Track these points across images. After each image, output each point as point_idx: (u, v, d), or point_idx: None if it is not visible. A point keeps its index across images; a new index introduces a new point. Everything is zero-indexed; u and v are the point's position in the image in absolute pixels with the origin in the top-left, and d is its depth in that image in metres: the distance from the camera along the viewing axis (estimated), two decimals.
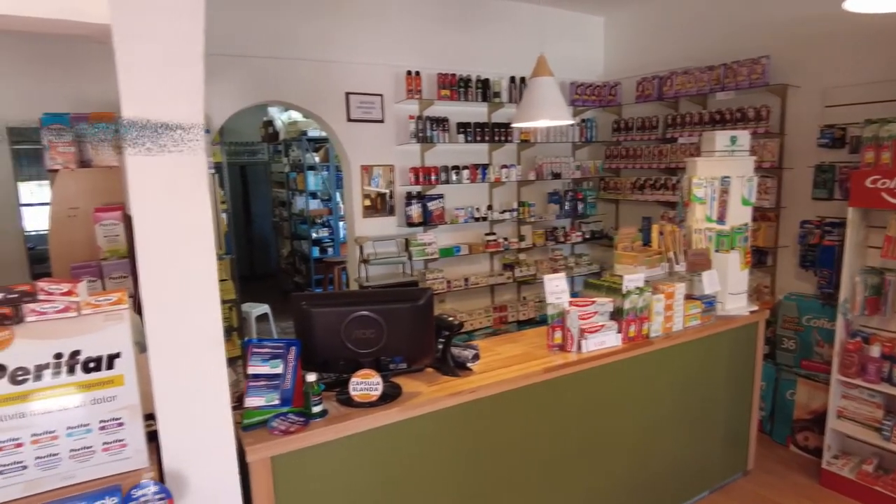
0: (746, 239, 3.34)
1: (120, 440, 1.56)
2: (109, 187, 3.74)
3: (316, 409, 1.92)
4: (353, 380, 2.02)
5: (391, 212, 4.83)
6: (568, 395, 2.55)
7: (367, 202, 4.73)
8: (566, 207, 5.69)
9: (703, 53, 4.76)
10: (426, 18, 4.83)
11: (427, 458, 2.18)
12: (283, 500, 1.85)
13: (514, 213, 5.30)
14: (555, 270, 5.43)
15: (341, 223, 7.88)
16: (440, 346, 2.34)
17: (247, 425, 1.86)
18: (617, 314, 2.75)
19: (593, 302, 2.69)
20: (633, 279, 2.75)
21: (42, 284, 1.49)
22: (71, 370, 1.49)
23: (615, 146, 5.64)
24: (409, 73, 4.61)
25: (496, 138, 5.09)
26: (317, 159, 8.01)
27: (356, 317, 2.03)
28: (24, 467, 1.47)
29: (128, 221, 3.68)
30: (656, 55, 5.28)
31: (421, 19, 4.81)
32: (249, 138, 9.40)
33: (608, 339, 2.67)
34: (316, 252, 8.01)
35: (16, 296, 1.46)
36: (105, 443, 1.54)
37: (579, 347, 2.62)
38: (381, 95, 4.65)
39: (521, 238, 5.35)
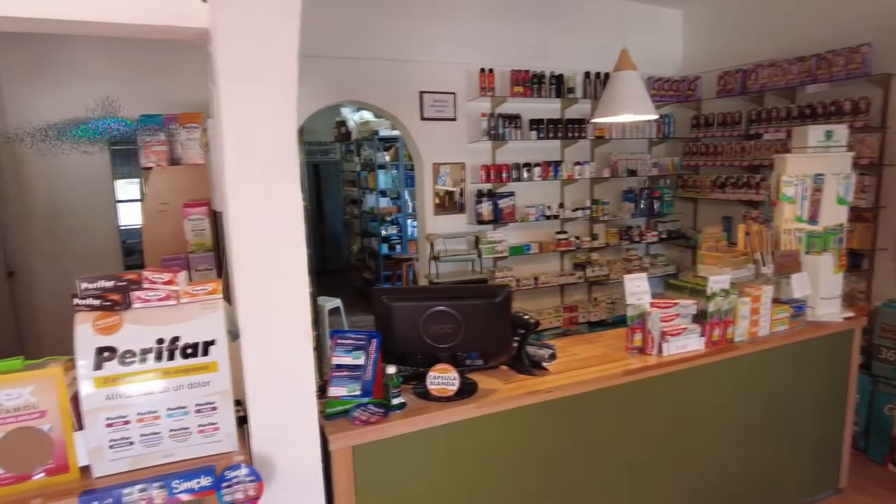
0: (841, 240, 3.13)
1: (213, 423, 1.64)
2: (196, 184, 3.95)
3: (395, 401, 1.95)
4: (431, 374, 2.04)
5: (461, 209, 4.84)
6: (647, 400, 2.47)
7: (437, 200, 4.77)
8: (642, 206, 5.52)
9: (791, 44, 4.49)
10: (500, 16, 4.82)
11: (501, 456, 2.17)
12: (363, 489, 1.89)
13: (587, 212, 5.20)
14: (629, 271, 5.28)
15: (409, 221, 7.99)
16: (516, 345, 2.31)
17: (329, 414, 1.91)
18: (700, 317, 2.64)
19: (675, 303, 2.60)
20: (718, 280, 2.63)
21: (147, 273, 1.59)
22: (171, 355, 1.57)
23: (694, 143, 5.42)
24: (482, 70, 4.61)
25: (569, 135, 5.01)
26: (387, 158, 8.14)
27: (434, 312, 2.04)
28: (131, 443, 1.57)
29: (213, 216, 3.88)
30: (740, 47, 5.03)
31: (495, 17, 4.80)
32: (322, 138, 9.70)
33: (690, 343, 2.57)
34: (384, 249, 8.15)
35: (125, 283, 1.56)
36: (200, 425, 1.62)
37: (660, 350, 2.53)
38: (453, 94, 4.67)
39: (594, 237, 5.25)
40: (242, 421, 1.73)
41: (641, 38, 5.35)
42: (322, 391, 1.95)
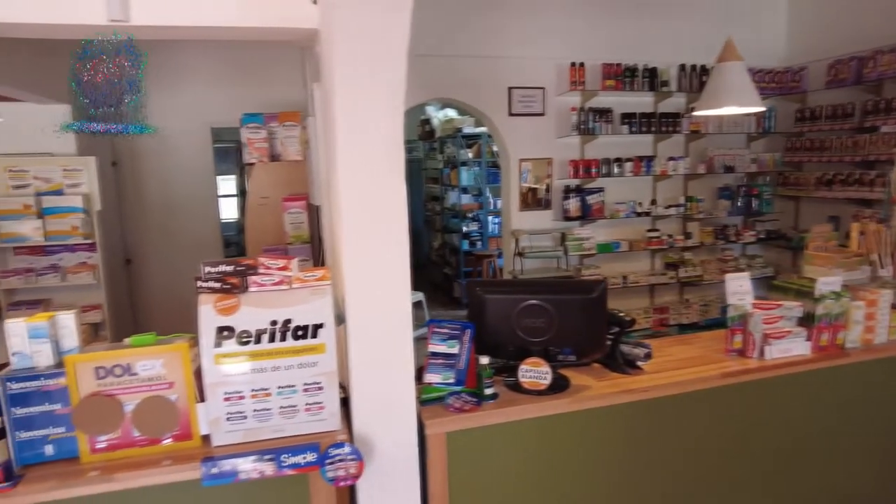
0: None
1: (319, 403, 1.73)
2: (295, 179, 4.16)
3: (488, 392, 1.98)
4: (523, 367, 2.05)
5: (547, 206, 4.81)
6: (747, 404, 2.36)
7: (531, 195, 4.75)
8: (739, 204, 5.25)
9: None
10: (592, 9, 4.73)
11: (591, 452, 2.15)
12: (455, 474, 1.93)
13: (681, 209, 5.00)
14: (724, 271, 5.04)
15: (490, 218, 8.00)
16: (609, 342, 2.28)
17: (424, 400, 1.96)
18: (806, 320, 2.49)
19: (780, 305, 2.46)
20: (828, 282, 2.47)
21: (262, 259, 1.70)
22: (283, 336, 1.68)
23: (797, 137, 5.09)
24: (572, 64, 4.55)
25: (662, 129, 4.84)
26: (470, 155, 8.19)
27: (528, 305, 2.05)
28: (245, 417, 1.69)
29: (310, 210, 4.07)
30: (854, 33, 4.66)
31: (587, 10, 4.72)
32: (406, 136, 9.85)
33: (795, 347, 2.43)
34: (465, 245, 8.21)
35: (243, 268, 1.68)
36: (307, 404, 1.72)
37: (761, 353, 2.41)
38: (542, 88, 4.64)
39: (687, 236, 5.05)
40: (343, 402, 1.82)
41: (741, 28, 5.08)
42: (417, 377, 2.01)
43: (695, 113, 3.67)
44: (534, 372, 2.04)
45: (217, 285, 1.66)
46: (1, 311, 3.92)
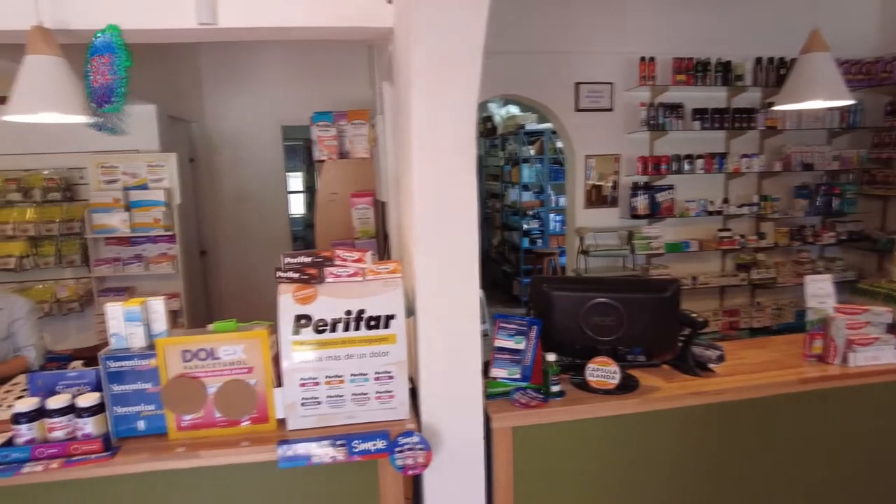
0: None
1: (389, 391, 1.78)
2: (362, 176, 4.26)
3: (554, 389, 1.97)
4: (590, 366, 2.03)
5: (613, 203, 4.71)
6: (828, 412, 2.24)
7: (595, 192, 4.68)
8: (817, 203, 4.97)
9: None
10: (662, 3, 4.59)
11: (659, 455, 2.10)
12: (520, 469, 1.94)
13: (754, 208, 4.79)
14: (800, 274, 4.80)
15: (551, 215, 7.92)
16: (681, 344, 2.22)
17: (489, 394, 1.98)
18: None
19: (866, 310, 2.33)
20: None
21: (339, 251, 1.76)
22: (357, 326, 1.73)
23: (888, 132, 4.77)
24: (642, 59, 4.43)
25: (736, 125, 4.65)
26: (532, 152, 8.13)
27: (596, 303, 2.02)
28: (319, 403, 1.75)
29: (377, 206, 4.16)
30: None
31: (656, 4, 4.58)
32: None
33: (884, 355, 2.29)
34: (525, 243, 8.16)
35: (321, 260, 1.74)
36: (378, 392, 1.77)
37: (844, 360, 2.29)
38: (610, 84, 4.55)
39: (761, 236, 4.83)
40: (410, 393, 1.86)
41: (826, 16, 4.79)
42: (482, 372, 2.03)
43: (775, 108, 3.50)
44: (602, 371, 2.02)
45: (296, 275, 1.73)
46: (93, 296, 4.21)
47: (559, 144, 7.83)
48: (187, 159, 5.20)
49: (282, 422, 1.78)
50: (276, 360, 1.77)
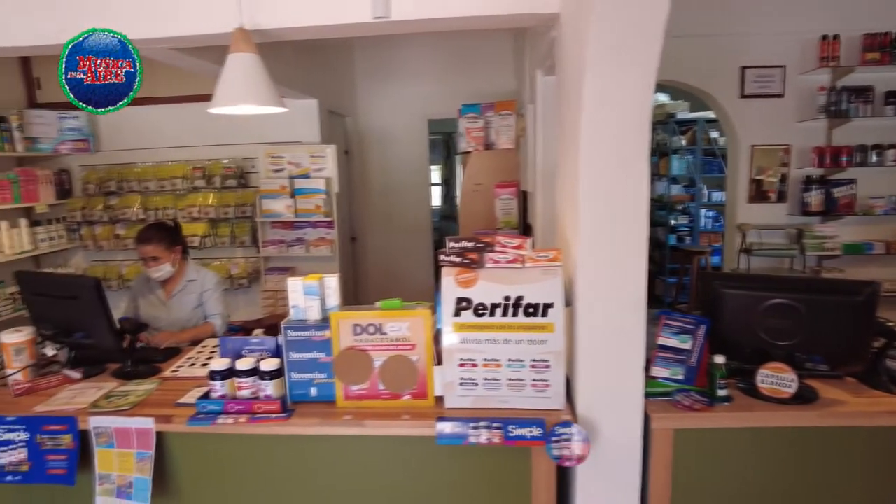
0: None
1: (545, 380, 1.77)
2: (506, 166, 4.27)
3: (721, 393, 1.84)
4: (762, 371, 1.86)
5: (781, 198, 4.28)
6: None
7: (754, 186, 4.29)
8: None
9: None
10: None
11: (840, 476, 1.88)
12: (679, 473, 1.83)
13: None
14: None
15: (702, 211, 7.41)
16: (873, 355, 1.97)
17: (649, 393, 1.89)
18: None
19: None
20: None
21: (499, 238, 1.78)
22: (515, 312, 1.74)
23: None
24: (823, 37, 3.96)
25: None
26: (683, 142, 7.64)
27: (774, 304, 1.85)
28: (476, 384, 1.79)
29: (521, 196, 4.15)
30: None
31: None
32: None
33: None
34: (672, 240, 7.70)
35: (482, 245, 1.77)
36: (534, 379, 1.77)
37: None
38: (782, 67, 4.13)
39: None
40: (566, 384, 1.83)
41: None
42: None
43: None
44: (776, 378, 1.85)
45: (458, 260, 1.78)
46: (260, 274, 4.66)
47: (713, 134, 7.29)
48: (343, 151, 5.56)
49: (439, 399, 1.84)
50: (436, 339, 1.84)
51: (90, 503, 1.90)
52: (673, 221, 7.73)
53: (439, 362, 1.82)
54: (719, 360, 1.85)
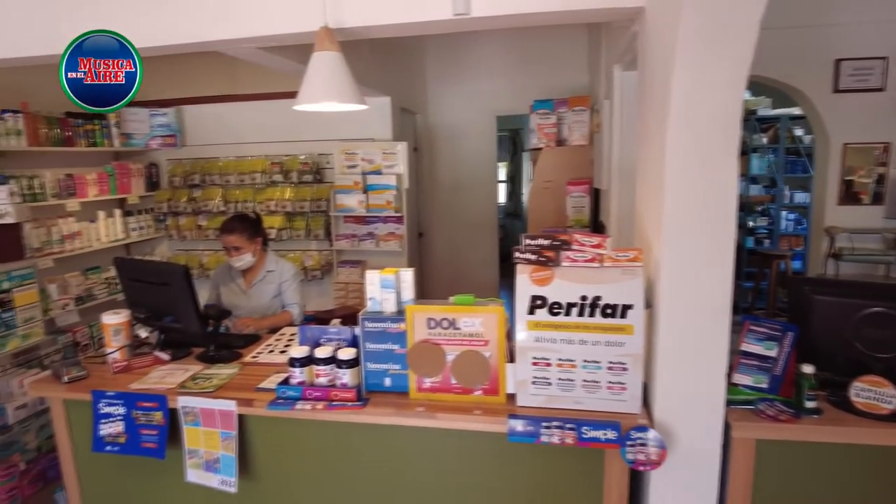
0: None
1: (621, 383, 1.73)
2: (578, 163, 4.20)
3: (809, 405, 1.74)
4: (858, 384, 1.75)
5: (875, 200, 4.00)
6: None
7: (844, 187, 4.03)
8: None
9: None
10: None
11: None
12: (761, 486, 1.75)
13: None
14: None
15: (783, 213, 7.03)
16: None
17: (729, 401, 1.81)
18: None
19: None
20: None
21: (577, 236, 1.75)
22: (592, 312, 1.71)
23: None
24: None
25: None
26: (764, 140, 7.27)
27: (874, 313, 1.74)
28: (549, 384, 1.78)
29: (593, 194, 4.07)
30: None
31: None
32: None
33: None
34: (750, 242, 7.35)
35: (559, 243, 1.75)
36: (609, 382, 1.74)
37: None
38: (884, 59, 3.84)
39: None
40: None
41: None
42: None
43: None
44: (873, 392, 1.73)
45: (533, 257, 1.77)
46: (332, 266, 4.80)
47: (798, 132, 6.90)
48: (412, 148, 5.63)
49: (511, 397, 1.84)
50: (508, 336, 1.84)
51: (178, 478, 2.02)
52: (751, 223, 7.37)
53: (512, 359, 1.82)
54: (808, 369, 1.75)
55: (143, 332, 2.44)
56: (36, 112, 3.82)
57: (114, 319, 2.30)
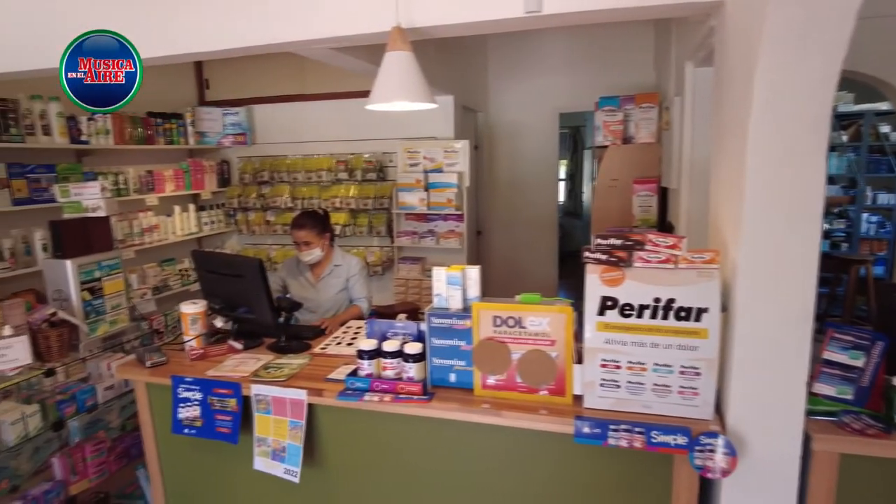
0: None
1: (693, 388, 1.68)
2: (645, 161, 4.10)
3: None
4: None
5: None
6: None
7: None
8: None
9: None
10: None
11: None
12: (844, 502, 1.67)
13: None
14: None
15: (864, 215, 6.63)
16: None
17: (809, 411, 1.73)
18: None
19: None
20: None
21: (651, 236, 1.71)
22: (665, 315, 1.67)
23: None
24: None
25: None
26: (844, 138, 6.86)
27: None
28: (618, 386, 1.75)
29: (661, 193, 3.96)
30: None
31: None
32: None
33: None
34: (826, 246, 6.97)
35: (631, 243, 1.72)
36: (681, 386, 1.69)
37: None
38: None
39: None
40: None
41: None
42: None
43: None
44: None
45: (604, 257, 1.74)
46: (393, 262, 4.88)
47: (884, 129, 6.48)
48: (473, 146, 5.64)
49: (577, 398, 1.82)
50: (576, 336, 1.82)
51: (249, 463, 2.11)
52: (828, 225, 6.99)
53: (579, 360, 1.80)
54: None
55: (219, 322, 2.55)
56: (122, 112, 4.06)
57: (192, 309, 2.42)
